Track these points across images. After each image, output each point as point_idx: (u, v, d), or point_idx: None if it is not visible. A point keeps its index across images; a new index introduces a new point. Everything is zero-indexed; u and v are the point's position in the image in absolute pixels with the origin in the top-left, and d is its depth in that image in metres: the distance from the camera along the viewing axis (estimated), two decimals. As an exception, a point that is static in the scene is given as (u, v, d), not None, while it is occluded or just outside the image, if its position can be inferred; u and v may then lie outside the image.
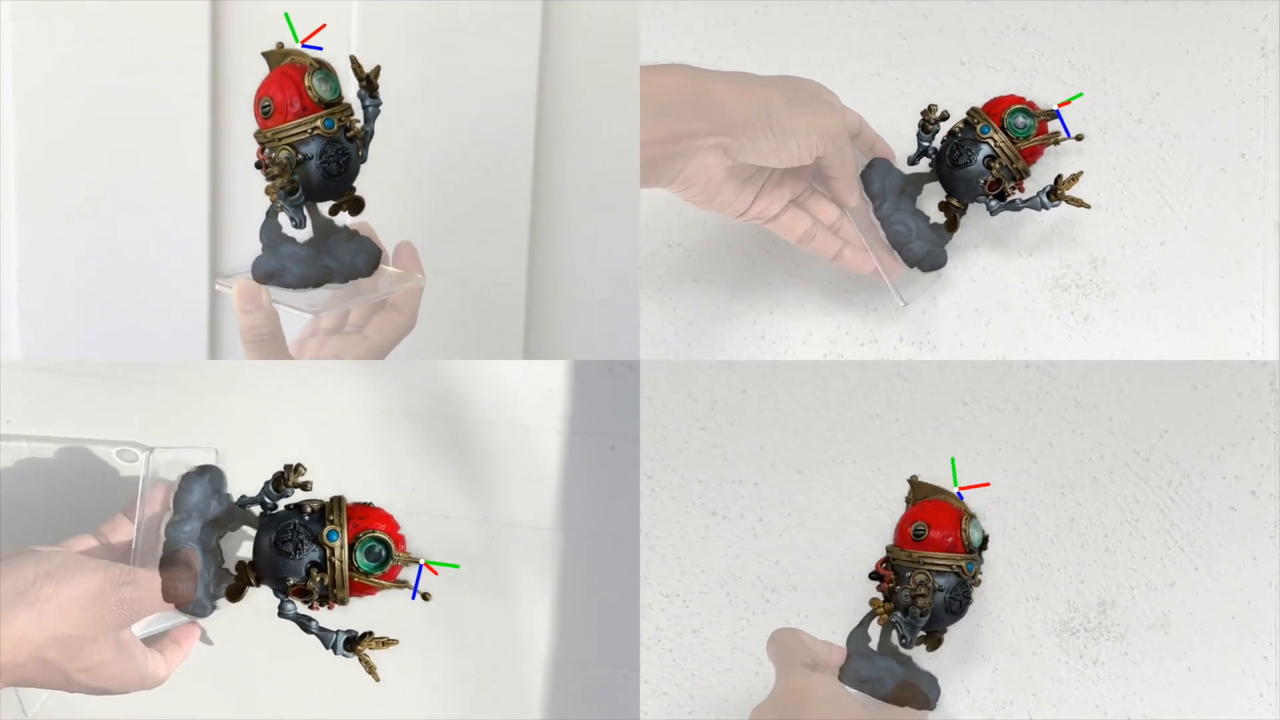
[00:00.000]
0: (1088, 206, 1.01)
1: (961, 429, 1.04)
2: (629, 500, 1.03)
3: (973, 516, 0.94)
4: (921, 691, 0.93)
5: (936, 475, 1.02)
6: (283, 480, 0.88)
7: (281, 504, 0.89)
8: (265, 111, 0.89)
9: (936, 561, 0.93)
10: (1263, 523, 1.03)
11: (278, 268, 0.91)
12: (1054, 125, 1.01)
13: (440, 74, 1.09)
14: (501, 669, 1.00)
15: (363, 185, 0.93)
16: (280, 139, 0.88)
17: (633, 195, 1.10)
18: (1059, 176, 1.00)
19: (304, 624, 0.88)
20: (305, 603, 0.87)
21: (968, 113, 1.01)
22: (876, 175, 1.01)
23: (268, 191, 0.90)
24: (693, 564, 1.04)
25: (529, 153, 1.12)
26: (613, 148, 1.13)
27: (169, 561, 0.86)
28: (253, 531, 0.90)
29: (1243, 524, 1.03)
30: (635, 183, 1.09)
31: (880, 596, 0.95)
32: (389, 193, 1.08)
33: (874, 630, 0.96)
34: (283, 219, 0.92)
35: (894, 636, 0.95)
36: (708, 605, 1.03)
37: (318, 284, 0.92)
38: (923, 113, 1.02)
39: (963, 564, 0.93)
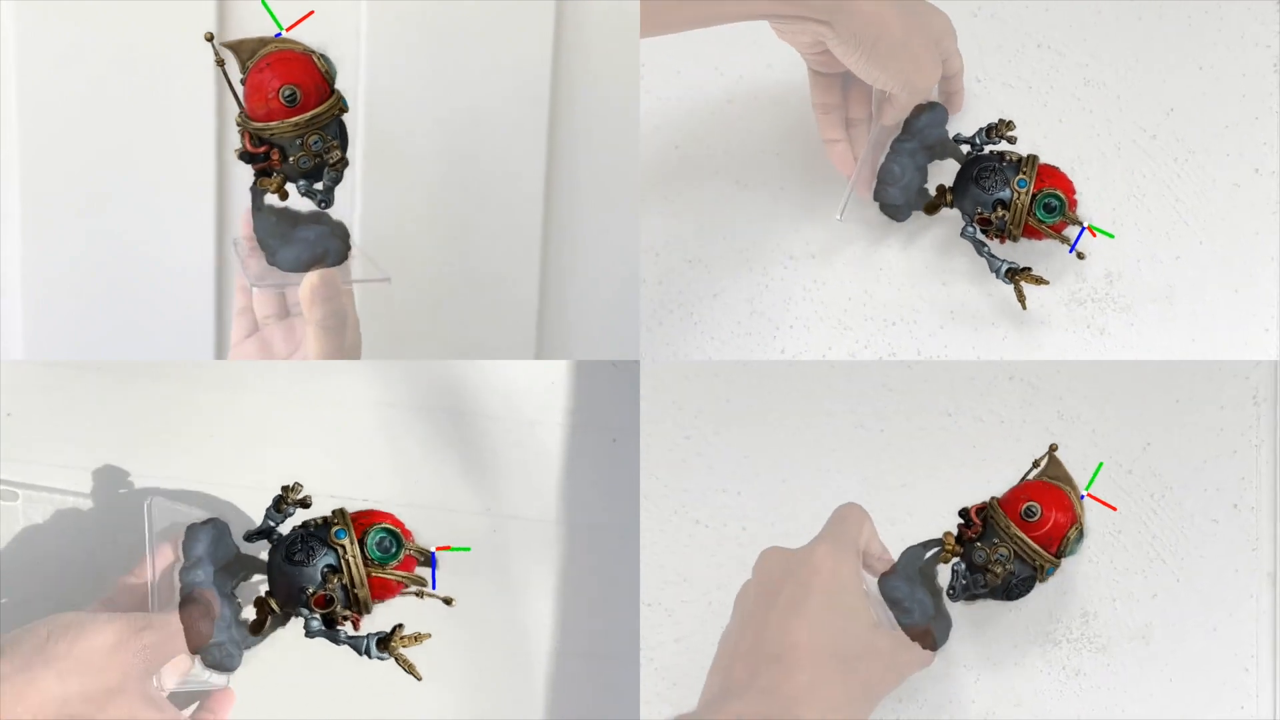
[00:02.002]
0: (1024, 308, 1.02)
1: (946, 439, 1.05)
2: (630, 493, 1.04)
3: (1083, 531, 0.94)
4: (934, 638, 0.93)
5: (928, 489, 1.04)
6: (282, 500, 0.89)
7: (285, 528, 0.89)
8: (290, 100, 0.87)
9: (1028, 549, 0.92)
10: (1244, 535, 1.03)
11: (319, 252, 0.90)
12: (1070, 232, 1.00)
13: (451, 74, 1.09)
14: (504, 660, 1.01)
15: (374, 186, 0.93)
16: (313, 125, 0.88)
17: (637, 196, 1.10)
18: (1028, 268, 1.01)
19: (333, 637, 0.86)
20: (327, 615, 0.86)
21: (1027, 157, 1.01)
22: (925, 119, 1.01)
23: (266, 185, 0.89)
24: (675, 573, 1.05)
25: (541, 154, 1.12)
26: (620, 152, 1.13)
27: (186, 602, 0.85)
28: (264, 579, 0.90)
29: (1225, 536, 1.04)
30: (639, 185, 1.10)
31: (954, 535, 0.94)
32: (398, 193, 1.09)
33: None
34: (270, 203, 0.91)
35: (944, 579, 0.94)
36: (691, 615, 1.04)
37: (346, 257, 0.92)
38: (1002, 121, 1.02)
39: (1046, 565, 0.92)
